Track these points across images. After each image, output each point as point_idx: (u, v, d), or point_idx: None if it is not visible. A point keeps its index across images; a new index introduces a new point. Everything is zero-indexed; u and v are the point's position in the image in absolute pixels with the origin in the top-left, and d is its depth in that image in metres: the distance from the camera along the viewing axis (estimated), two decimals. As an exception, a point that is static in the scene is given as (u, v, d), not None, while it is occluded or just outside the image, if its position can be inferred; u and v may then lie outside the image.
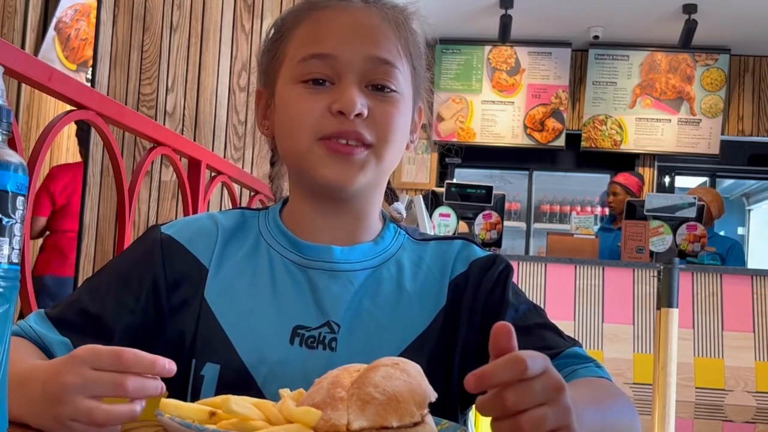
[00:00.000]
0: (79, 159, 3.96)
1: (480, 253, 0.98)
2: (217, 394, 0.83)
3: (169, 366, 0.66)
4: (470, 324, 0.92)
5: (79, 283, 3.77)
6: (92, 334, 0.87)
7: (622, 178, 5.23)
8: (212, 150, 3.50)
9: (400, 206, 1.04)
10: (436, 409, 0.88)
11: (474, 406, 0.97)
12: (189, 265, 0.93)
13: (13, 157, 0.58)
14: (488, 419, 0.59)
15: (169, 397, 0.84)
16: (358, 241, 0.96)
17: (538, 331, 0.90)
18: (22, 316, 1.52)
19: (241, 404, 0.63)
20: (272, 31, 0.97)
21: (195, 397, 0.89)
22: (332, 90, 0.88)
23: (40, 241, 3.90)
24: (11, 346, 0.80)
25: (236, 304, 0.91)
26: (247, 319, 0.90)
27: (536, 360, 0.57)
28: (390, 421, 0.61)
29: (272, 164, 1.05)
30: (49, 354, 0.84)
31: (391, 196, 1.04)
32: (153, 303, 0.92)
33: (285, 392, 0.68)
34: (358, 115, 0.87)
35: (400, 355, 0.81)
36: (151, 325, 0.91)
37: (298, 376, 0.82)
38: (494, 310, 0.91)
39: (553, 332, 0.90)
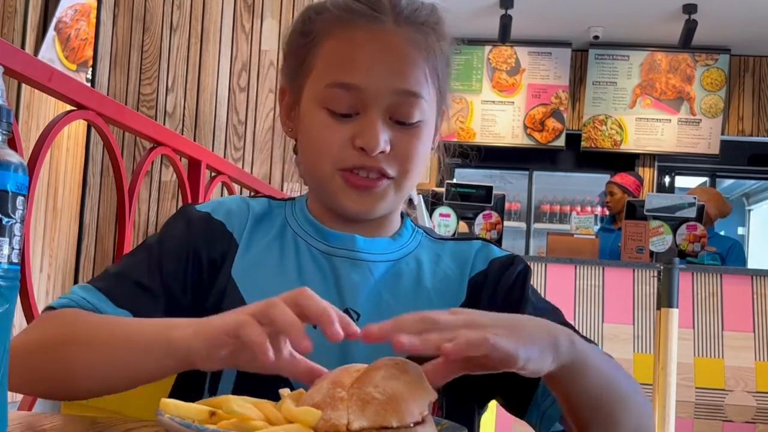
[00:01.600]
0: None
1: (499, 252, 0.98)
2: (235, 391, 0.84)
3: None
4: None
5: (80, 283, 3.78)
6: (145, 306, 0.87)
7: (619, 178, 5.23)
8: (212, 150, 3.50)
9: (411, 193, 1.04)
10: (452, 407, 0.89)
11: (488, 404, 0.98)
12: (226, 241, 0.94)
13: (13, 157, 0.58)
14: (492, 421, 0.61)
15: (189, 376, 0.84)
16: (377, 236, 0.97)
17: None
18: (22, 315, 1.52)
19: (241, 404, 0.62)
20: (300, 27, 0.95)
21: (214, 378, 0.89)
22: (356, 121, 0.88)
23: None
24: (74, 316, 0.82)
25: (261, 284, 0.91)
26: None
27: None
28: (390, 421, 0.60)
29: (296, 152, 1.04)
30: None
31: None
32: (196, 280, 0.92)
33: (285, 392, 0.68)
34: (381, 151, 0.87)
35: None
36: (190, 302, 0.91)
37: (315, 361, 0.82)
38: (513, 309, 0.91)
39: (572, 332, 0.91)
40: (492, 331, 0.63)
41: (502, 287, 0.94)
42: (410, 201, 1.05)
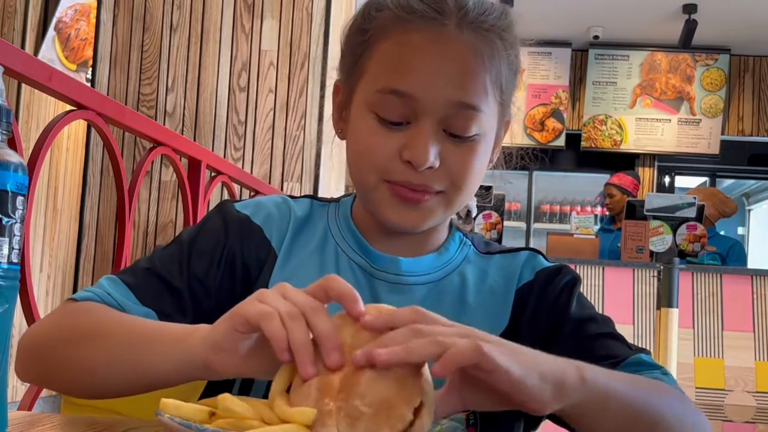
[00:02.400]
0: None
1: (546, 263, 0.95)
2: (267, 387, 0.80)
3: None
4: (533, 332, 0.89)
5: (80, 283, 3.77)
6: (170, 306, 0.85)
7: (617, 179, 5.22)
8: (212, 150, 3.50)
9: (471, 203, 0.98)
10: (493, 427, 0.86)
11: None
12: (264, 249, 0.91)
13: (13, 157, 0.58)
14: None
15: (218, 385, 0.83)
16: (423, 251, 0.93)
17: (601, 340, 0.87)
18: (22, 315, 1.52)
19: (237, 403, 0.62)
20: (359, 20, 0.89)
21: (245, 387, 0.86)
22: (407, 131, 0.82)
23: None
24: (94, 310, 0.80)
25: None
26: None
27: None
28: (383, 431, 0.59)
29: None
30: None
31: None
32: (228, 284, 0.89)
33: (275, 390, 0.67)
34: (430, 167, 0.82)
35: None
36: (212, 307, 0.87)
37: None
38: (557, 319, 0.89)
39: (618, 342, 0.87)
40: (488, 345, 0.59)
41: (548, 298, 0.91)
42: (468, 213, 0.99)
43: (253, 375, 0.69)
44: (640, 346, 0.89)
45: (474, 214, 0.99)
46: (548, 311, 0.90)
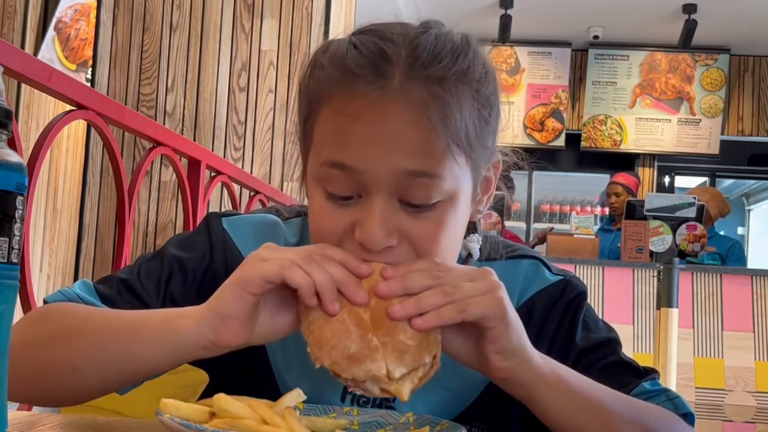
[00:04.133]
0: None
1: (549, 277, 0.87)
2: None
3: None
4: None
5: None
6: None
7: (622, 178, 5.23)
8: (212, 150, 3.50)
9: (471, 244, 0.88)
10: None
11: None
12: None
13: (13, 157, 0.58)
14: None
15: (218, 386, 0.82)
16: None
17: (604, 372, 0.82)
18: (22, 315, 1.52)
19: (233, 403, 0.63)
20: (307, 72, 0.79)
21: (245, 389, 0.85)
22: (358, 206, 0.72)
23: None
24: (66, 309, 0.79)
25: (289, 346, 0.84)
26: (300, 365, 0.84)
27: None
28: (423, 360, 0.66)
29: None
30: None
31: (469, 228, 0.88)
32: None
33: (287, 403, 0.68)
34: (388, 246, 0.72)
35: (467, 408, 0.85)
36: None
37: None
38: (561, 348, 0.84)
39: (622, 370, 0.83)
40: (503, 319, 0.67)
41: (551, 323, 0.85)
42: (469, 256, 0.87)
43: (262, 339, 0.70)
44: (648, 367, 0.85)
45: (476, 256, 0.89)
46: (551, 338, 0.85)
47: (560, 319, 0.85)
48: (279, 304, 0.70)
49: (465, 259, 0.87)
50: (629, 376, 0.83)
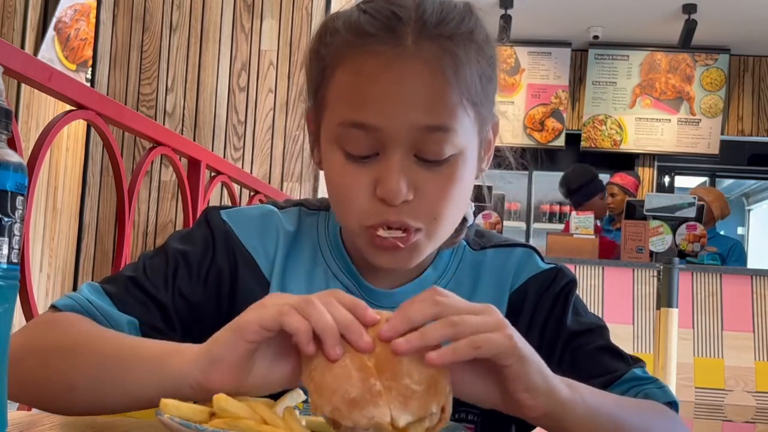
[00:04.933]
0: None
1: (541, 265, 0.91)
2: None
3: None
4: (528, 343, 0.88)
5: (80, 283, 3.76)
6: (159, 320, 0.83)
7: (619, 178, 5.23)
8: (212, 150, 3.50)
9: (466, 209, 0.91)
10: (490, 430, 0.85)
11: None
12: (249, 266, 0.88)
13: (13, 157, 0.58)
14: None
15: None
16: (418, 269, 0.89)
17: (596, 356, 0.85)
18: (22, 315, 1.52)
19: (233, 403, 0.63)
20: (315, 44, 0.83)
21: None
22: (376, 164, 0.77)
23: None
24: (73, 322, 0.78)
25: None
26: None
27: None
28: (430, 408, 0.60)
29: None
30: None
31: None
32: (214, 300, 0.86)
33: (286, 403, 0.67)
34: (405, 200, 0.76)
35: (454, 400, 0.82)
36: (204, 322, 0.84)
37: None
38: (552, 333, 0.87)
39: (612, 355, 0.86)
40: (517, 344, 0.62)
41: (542, 308, 0.88)
42: (464, 220, 0.90)
43: (257, 389, 0.67)
44: (635, 355, 0.88)
45: (471, 221, 0.93)
46: (543, 323, 0.88)
47: (552, 304, 0.88)
48: (279, 353, 0.66)
49: (459, 229, 0.90)
50: (618, 362, 0.85)
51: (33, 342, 0.76)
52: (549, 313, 0.88)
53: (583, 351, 0.85)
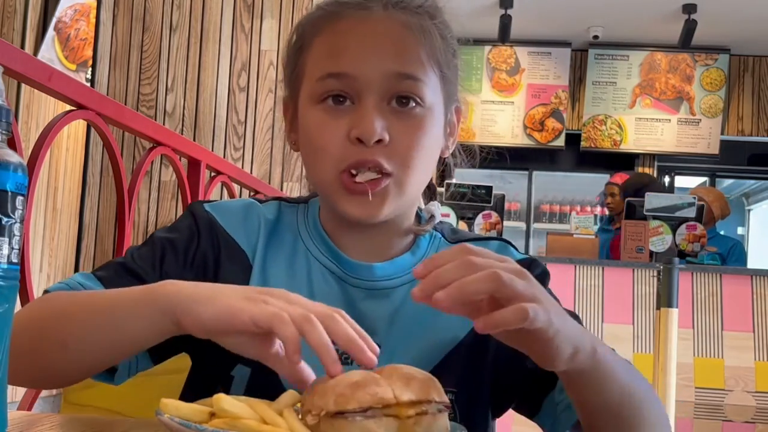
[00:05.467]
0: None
1: (517, 256, 0.94)
2: (245, 395, 0.80)
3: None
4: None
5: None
6: None
7: (618, 178, 5.22)
8: (212, 150, 3.50)
9: (433, 207, 0.97)
10: (467, 416, 0.87)
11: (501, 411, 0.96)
12: (238, 260, 0.90)
13: (13, 157, 0.58)
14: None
15: (197, 390, 0.83)
16: (395, 252, 0.92)
17: None
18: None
19: (233, 403, 0.63)
20: (293, 38, 0.92)
21: (225, 387, 0.87)
22: (352, 111, 0.83)
23: None
24: (62, 295, 0.81)
25: None
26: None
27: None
28: (432, 396, 0.63)
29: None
30: None
31: (428, 194, 1.00)
32: (201, 280, 0.86)
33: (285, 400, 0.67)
34: (379, 140, 0.82)
35: (436, 367, 0.85)
36: None
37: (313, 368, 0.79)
38: None
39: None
40: (535, 306, 0.63)
41: None
42: (431, 217, 0.96)
43: (233, 349, 0.70)
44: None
45: (438, 218, 0.98)
46: None
47: None
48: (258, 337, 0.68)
49: (428, 220, 0.95)
50: None
51: (28, 317, 0.79)
52: None
53: None
